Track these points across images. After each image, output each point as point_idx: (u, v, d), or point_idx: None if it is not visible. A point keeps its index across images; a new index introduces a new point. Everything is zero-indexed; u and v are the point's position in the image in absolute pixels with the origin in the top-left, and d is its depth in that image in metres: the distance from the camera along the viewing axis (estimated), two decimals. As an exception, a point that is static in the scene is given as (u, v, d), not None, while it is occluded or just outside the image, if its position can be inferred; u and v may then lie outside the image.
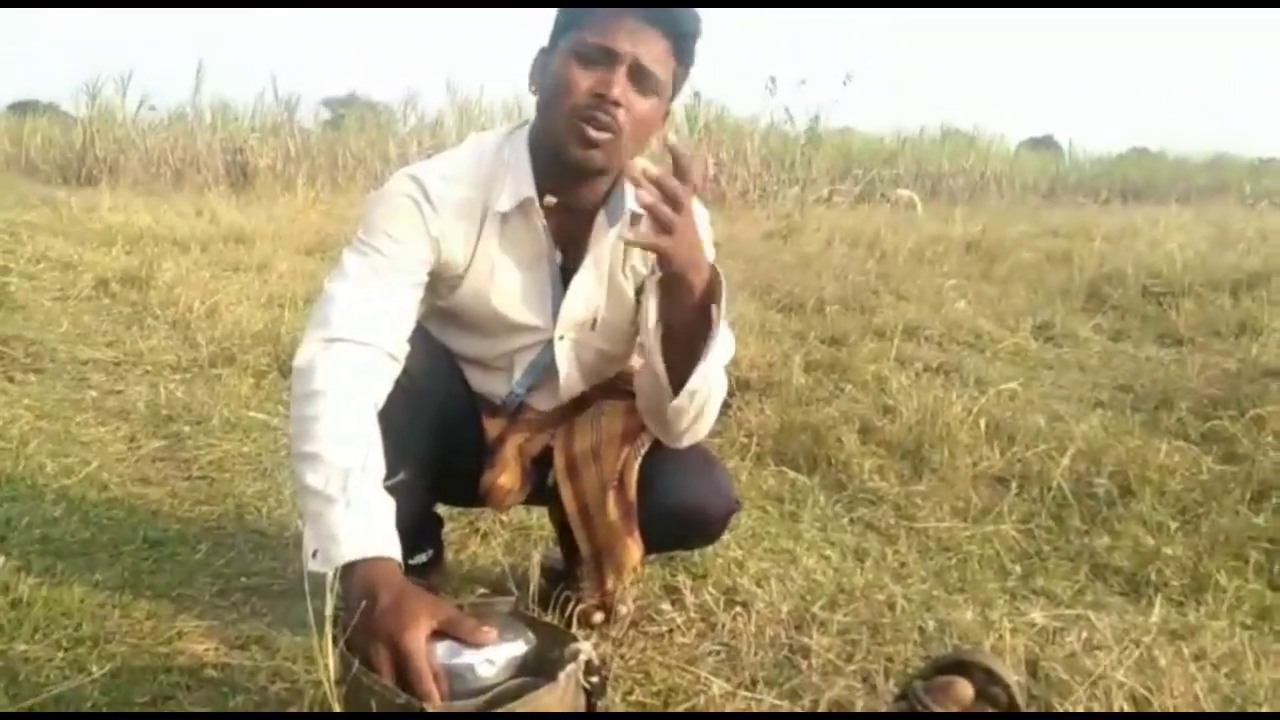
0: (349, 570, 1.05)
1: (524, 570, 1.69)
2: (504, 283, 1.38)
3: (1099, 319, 4.52)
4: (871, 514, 2.18)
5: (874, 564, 1.89)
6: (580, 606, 1.49)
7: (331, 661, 0.94)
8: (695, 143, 10.41)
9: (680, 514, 1.38)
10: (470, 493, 1.50)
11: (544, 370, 1.46)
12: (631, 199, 1.31)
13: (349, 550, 1.06)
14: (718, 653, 1.48)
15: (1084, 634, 1.53)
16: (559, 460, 1.45)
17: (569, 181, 1.34)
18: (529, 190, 1.33)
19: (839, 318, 4.11)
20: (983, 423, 2.61)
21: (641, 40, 1.27)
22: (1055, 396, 3.12)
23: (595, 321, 1.43)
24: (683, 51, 1.32)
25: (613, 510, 1.37)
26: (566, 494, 1.43)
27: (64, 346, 3.24)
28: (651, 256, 1.33)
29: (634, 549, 1.37)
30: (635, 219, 1.34)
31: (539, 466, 1.49)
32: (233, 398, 2.79)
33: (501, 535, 1.94)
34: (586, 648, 0.96)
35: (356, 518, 1.09)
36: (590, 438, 1.43)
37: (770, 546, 1.94)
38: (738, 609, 1.58)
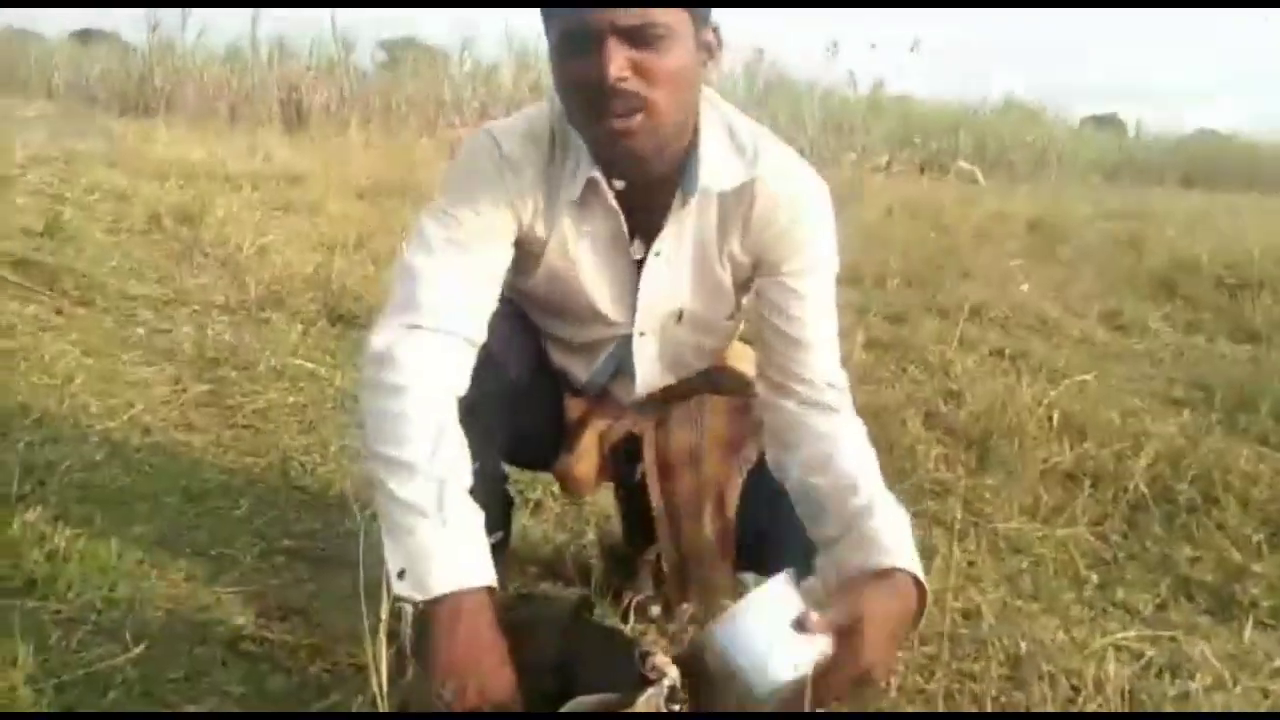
0: (440, 598, 0.98)
1: (576, 549, 1.62)
2: (581, 269, 1.25)
3: (1169, 309, 4.35)
4: (938, 507, 2.07)
5: (943, 564, 1.79)
6: (637, 598, 1.40)
7: (384, 666, 0.86)
8: (755, 102, 10.20)
9: (785, 559, 1.23)
10: (544, 465, 1.40)
11: (625, 364, 1.33)
12: (709, 169, 1.17)
13: (445, 579, 0.99)
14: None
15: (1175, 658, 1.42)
16: (649, 455, 1.32)
17: (630, 164, 1.17)
18: (592, 169, 1.18)
19: (901, 293, 3.98)
20: (1053, 415, 2.49)
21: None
22: (1127, 390, 2.98)
23: (681, 314, 1.29)
24: None
25: (709, 526, 1.24)
26: (655, 494, 1.31)
27: (114, 281, 3.21)
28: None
29: (726, 573, 1.24)
30: (725, 193, 1.20)
31: (621, 454, 1.38)
32: (280, 344, 2.73)
33: (552, 508, 1.86)
34: (674, 673, 0.87)
35: (452, 540, 1.02)
36: (689, 436, 1.30)
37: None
38: (803, 610, 1.49)
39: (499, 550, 1.50)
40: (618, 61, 1.05)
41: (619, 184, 1.19)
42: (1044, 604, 1.68)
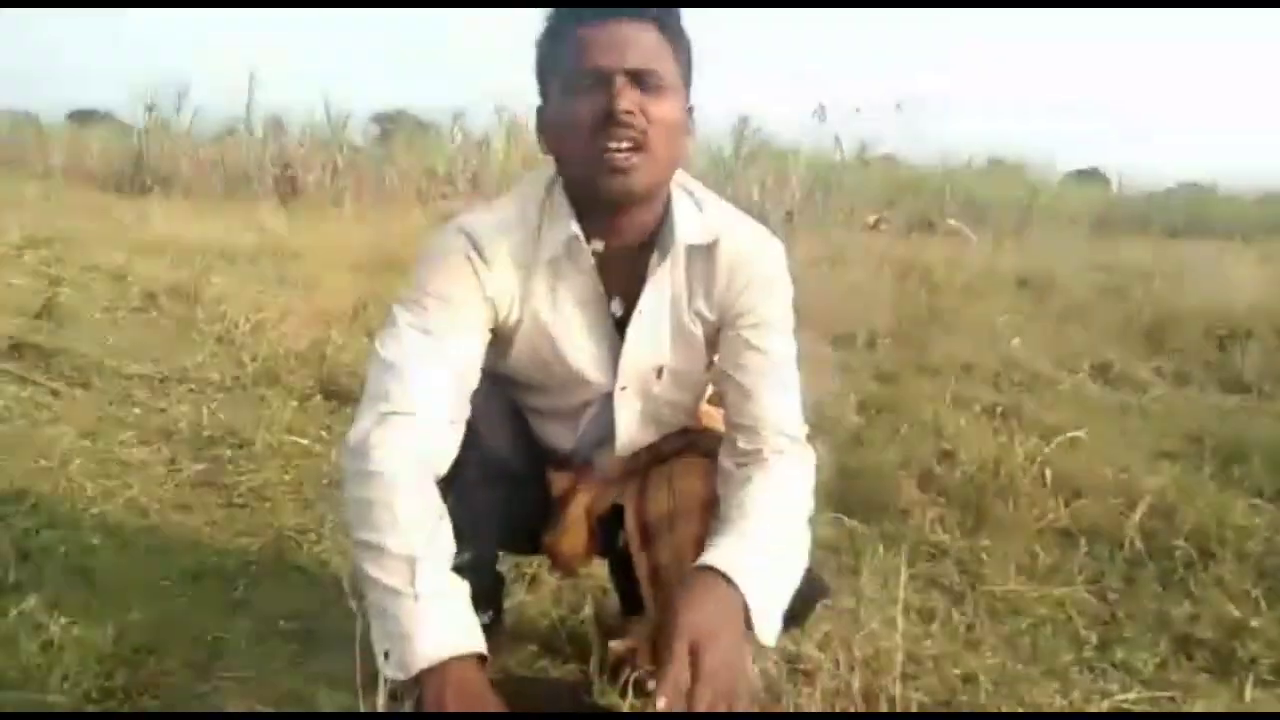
0: (425, 672, 1.00)
1: (573, 626, 1.62)
2: (559, 333, 1.28)
3: (1159, 362, 4.38)
4: (935, 569, 2.07)
5: (941, 627, 1.79)
6: (635, 674, 1.39)
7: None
8: (740, 167, 10.35)
9: None
10: (532, 546, 1.42)
11: (608, 425, 1.36)
12: (684, 229, 1.24)
13: (424, 654, 1.02)
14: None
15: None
16: (630, 523, 1.34)
17: (613, 219, 1.23)
18: (573, 228, 1.22)
19: (891, 352, 4.01)
20: (1047, 473, 2.50)
21: (626, 43, 1.15)
22: (1120, 445, 2.99)
23: (661, 370, 1.33)
24: (672, 30, 1.19)
25: None
26: (640, 562, 1.33)
27: (110, 360, 3.22)
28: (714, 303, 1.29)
29: None
30: (692, 251, 1.26)
31: (607, 524, 1.40)
32: (275, 421, 2.74)
33: (549, 582, 1.86)
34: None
35: (427, 614, 1.05)
36: (666, 502, 1.32)
37: (831, 604, 1.84)
38: (802, 678, 1.49)
39: (492, 629, 1.51)
40: (630, 96, 1.14)
41: (598, 245, 1.24)
42: (1043, 666, 1.67)
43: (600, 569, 1.67)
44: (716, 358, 1.33)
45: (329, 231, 7.05)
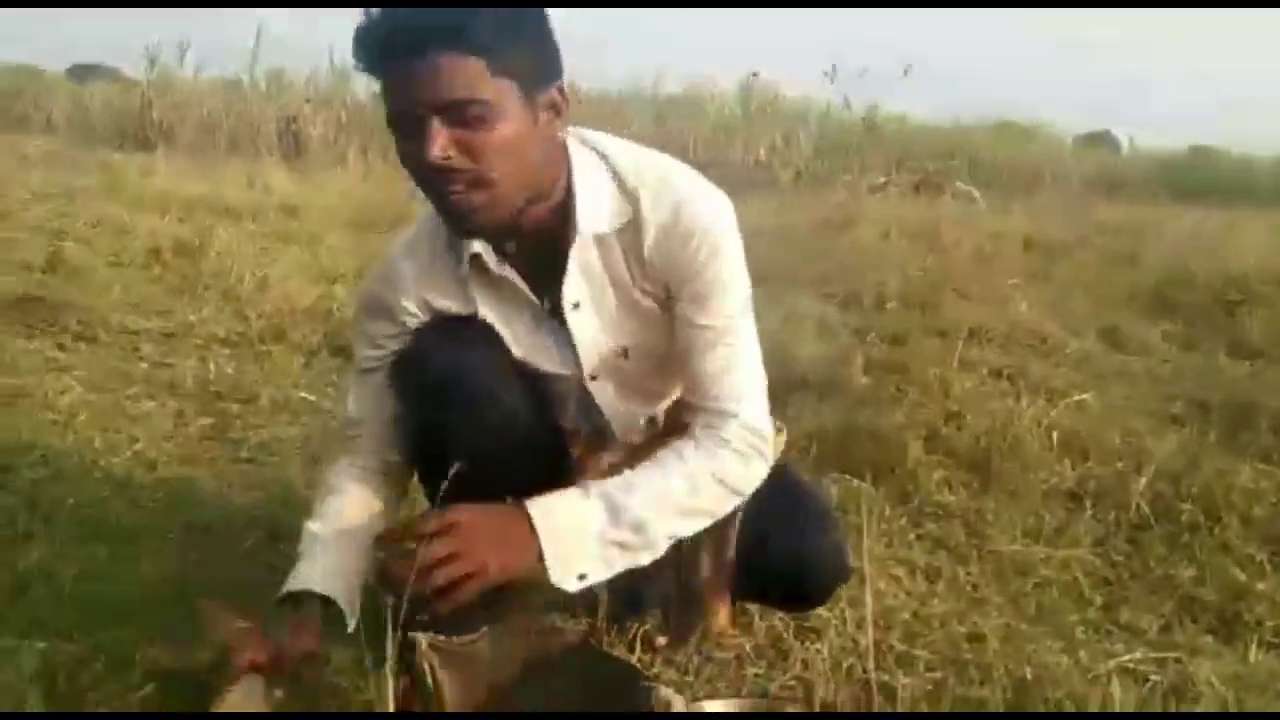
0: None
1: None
2: (507, 334, 1.28)
3: (1167, 325, 4.36)
4: (941, 530, 2.08)
5: (947, 587, 1.79)
6: (644, 629, 1.40)
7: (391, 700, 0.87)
8: (747, 123, 10.25)
9: (784, 579, 1.24)
10: None
11: (594, 408, 1.35)
12: (585, 213, 1.19)
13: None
14: (791, 685, 1.40)
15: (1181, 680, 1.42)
16: None
17: (486, 235, 1.21)
18: (475, 246, 1.21)
19: (899, 315, 3.99)
20: (1054, 435, 2.50)
21: (433, 78, 1.05)
22: (1127, 409, 2.99)
23: (626, 351, 1.30)
24: (488, 37, 1.06)
25: (707, 568, 1.25)
26: None
27: (116, 315, 3.22)
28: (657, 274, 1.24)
29: (722, 613, 1.25)
30: (619, 234, 1.22)
31: None
32: (282, 376, 2.75)
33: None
34: (679, 701, 0.88)
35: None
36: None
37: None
38: (810, 636, 1.49)
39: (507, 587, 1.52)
40: (439, 142, 1.07)
41: (510, 248, 1.23)
42: (1048, 627, 1.67)
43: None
44: None
45: (332, 188, 7.01)
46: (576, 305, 1.24)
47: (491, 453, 1.21)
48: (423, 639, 0.97)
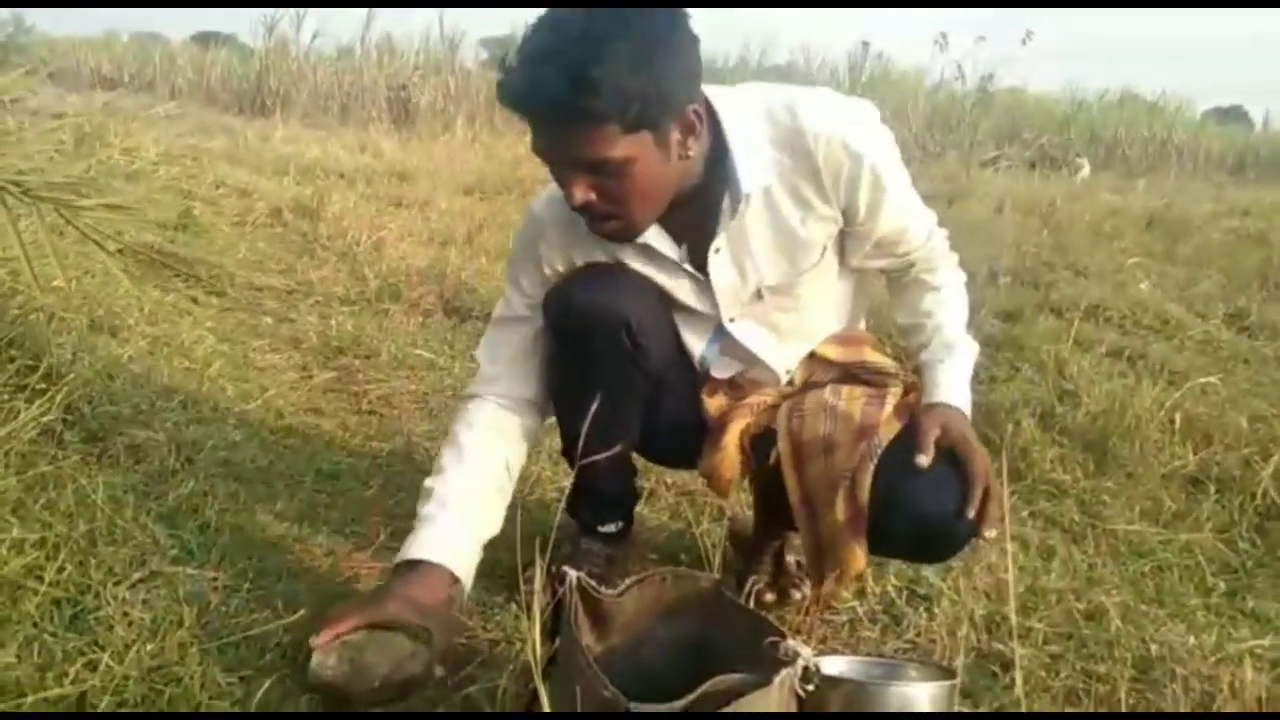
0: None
1: (690, 537, 1.65)
2: (651, 274, 1.34)
3: (1299, 310, 4.15)
4: (1054, 509, 2.04)
5: (1062, 565, 1.76)
6: (755, 585, 1.42)
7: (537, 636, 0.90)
8: (857, 94, 10.02)
9: (916, 528, 1.22)
10: (687, 462, 1.46)
11: (734, 348, 1.39)
12: (747, 173, 1.23)
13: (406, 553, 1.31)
14: (906, 650, 1.40)
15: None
16: (784, 445, 1.34)
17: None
18: None
19: (1012, 291, 3.88)
20: (1175, 418, 2.42)
21: (564, 144, 1.13)
22: (1255, 394, 2.86)
23: (760, 292, 1.34)
24: (628, 108, 1.09)
25: (841, 510, 1.24)
26: (791, 483, 1.33)
27: (241, 272, 3.36)
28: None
29: (860, 556, 1.24)
30: (781, 173, 1.26)
31: (760, 444, 1.40)
32: (400, 334, 2.84)
33: (666, 498, 1.89)
34: (806, 652, 0.89)
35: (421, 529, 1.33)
36: (823, 426, 1.31)
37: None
38: (922, 604, 1.49)
39: (621, 537, 1.56)
40: (578, 192, 1.16)
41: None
42: (1170, 609, 1.63)
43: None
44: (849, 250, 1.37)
45: (441, 155, 7.15)
46: (717, 250, 1.30)
47: (634, 388, 1.32)
48: (573, 573, 1.00)
